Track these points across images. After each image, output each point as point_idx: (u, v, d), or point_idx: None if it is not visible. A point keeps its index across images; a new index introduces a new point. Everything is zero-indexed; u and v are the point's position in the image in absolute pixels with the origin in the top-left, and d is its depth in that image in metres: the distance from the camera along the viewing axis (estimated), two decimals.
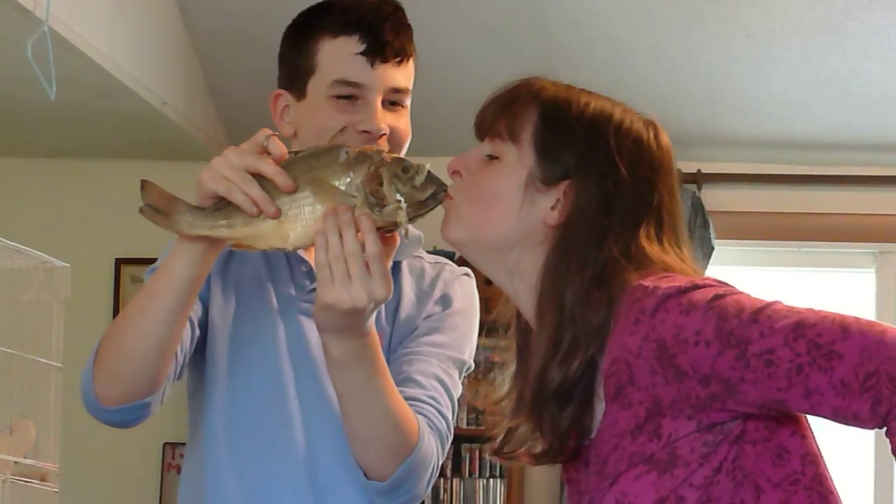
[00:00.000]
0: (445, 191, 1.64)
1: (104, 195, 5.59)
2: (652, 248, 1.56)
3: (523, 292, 1.59)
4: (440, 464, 1.92)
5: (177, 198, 1.72)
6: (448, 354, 1.97)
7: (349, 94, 1.94)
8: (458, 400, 1.99)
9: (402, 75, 1.98)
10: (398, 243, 1.74)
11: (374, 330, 1.77)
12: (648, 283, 1.48)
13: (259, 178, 1.67)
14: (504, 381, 1.66)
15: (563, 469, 1.62)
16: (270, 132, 1.71)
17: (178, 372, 1.90)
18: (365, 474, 1.84)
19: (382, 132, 1.94)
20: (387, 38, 1.95)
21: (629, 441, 1.47)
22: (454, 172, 1.64)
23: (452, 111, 4.94)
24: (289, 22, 2.06)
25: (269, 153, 1.69)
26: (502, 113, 1.62)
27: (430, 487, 1.91)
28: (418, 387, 1.90)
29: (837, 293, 5.32)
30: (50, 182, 5.64)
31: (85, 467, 5.23)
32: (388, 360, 1.85)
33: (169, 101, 4.77)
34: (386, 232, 1.68)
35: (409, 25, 2.01)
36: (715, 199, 5.22)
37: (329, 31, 1.96)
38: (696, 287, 1.45)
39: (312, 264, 1.98)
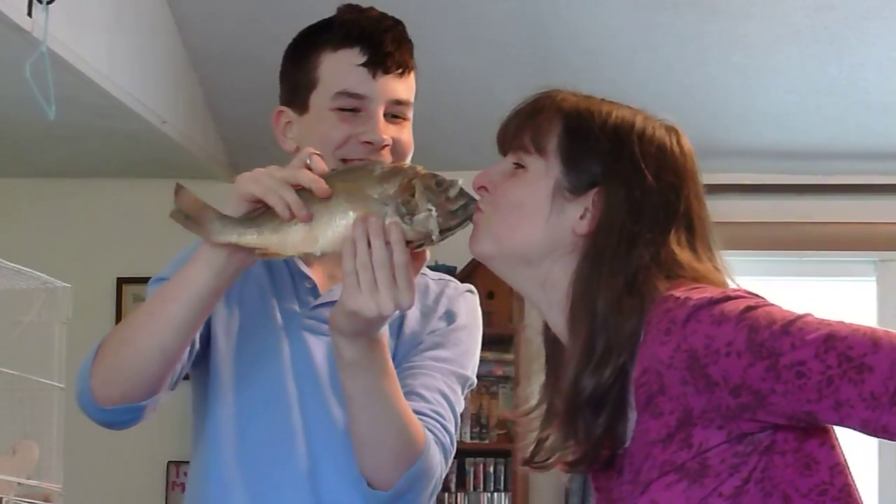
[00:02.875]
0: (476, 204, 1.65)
1: (105, 214, 5.60)
2: (683, 255, 1.56)
3: (555, 303, 1.59)
4: (443, 479, 1.92)
5: (208, 205, 1.73)
6: (452, 370, 1.97)
7: (352, 107, 1.95)
8: (461, 415, 1.99)
9: (403, 87, 1.99)
10: (427, 259, 1.75)
11: (384, 334, 1.78)
12: (679, 293, 1.49)
13: (295, 189, 1.69)
14: (533, 393, 1.66)
15: (592, 477, 1.62)
16: (314, 151, 1.73)
17: (174, 382, 1.90)
18: (369, 483, 1.84)
19: (385, 143, 1.95)
20: (388, 49, 1.96)
21: (660, 450, 1.47)
22: (480, 188, 1.65)
23: (453, 125, 4.95)
24: (287, 39, 2.06)
25: (310, 170, 1.71)
26: (525, 125, 1.62)
27: (432, 502, 1.92)
28: (423, 401, 1.90)
29: (838, 302, 5.32)
30: (50, 202, 5.64)
31: (89, 487, 5.22)
32: None
33: (168, 120, 4.78)
34: (416, 247, 1.68)
35: (410, 40, 2.02)
36: (715, 209, 5.13)
37: (330, 44, 1.97)
38: (728, 298, 1.46)
39: (316, 281, 1.99)
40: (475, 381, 2.03)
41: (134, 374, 1.80)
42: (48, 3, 3.67)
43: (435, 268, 2.28)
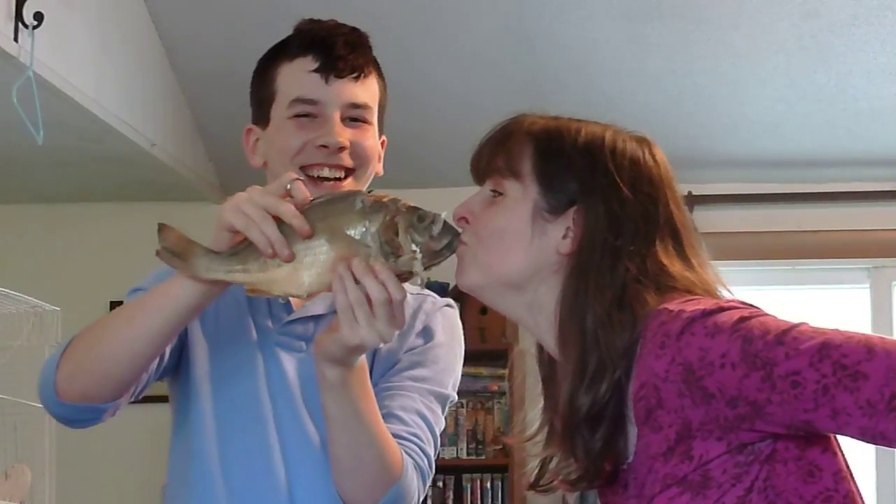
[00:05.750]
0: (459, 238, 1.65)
1: (96, 239, 5.59)
2: (674, 265, 1.57)
3: (544, 325, 1.60)
4: (421, 501, 1.91)
5: (193, 241, 1.72)
6: (430, 389, 1.96)
7: (307, 113, 1.97)
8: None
9: (360, 91, 1.99)
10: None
11: (363, 359, 1.79)
12: (673, 306, 1.49)
13: (277, 221, 1.67)
14: (535, 418, 1.66)
15: (599, 494, 1.62)
16: (296, 176, 1.71)
17: (138, 392, 1.90)
18: None
19: (341, 145, 1.96)
20: (340, 53, 1.98)
21: (662, 463, 1.48)
22: (461, 219, 1.65)
23: (443, 142, 4.95)
24: None
25: (291, 197, 1.69)
26: (498, 151, 1.63)
27: None
28: (400, 423, 1.90)
29: (832, 310, 5.32)
30: (41, 227, 5.63)
31: None
32: None
33: (157, 143, 4.77)
34: (400, 279, 1.68)
35: (368, 45, 2.03)
36: (706, 220, 5.21)
37: (286, 56, 2.00)
38: (722, 309, 1.46)
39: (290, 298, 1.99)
40: (455, 397, 2.03)
41: (100, 375, 1.80)
42: (34, 28, 3.67)
43: (427, 285, 2.27)
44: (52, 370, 1.82)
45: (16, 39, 3.63)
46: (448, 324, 2.04)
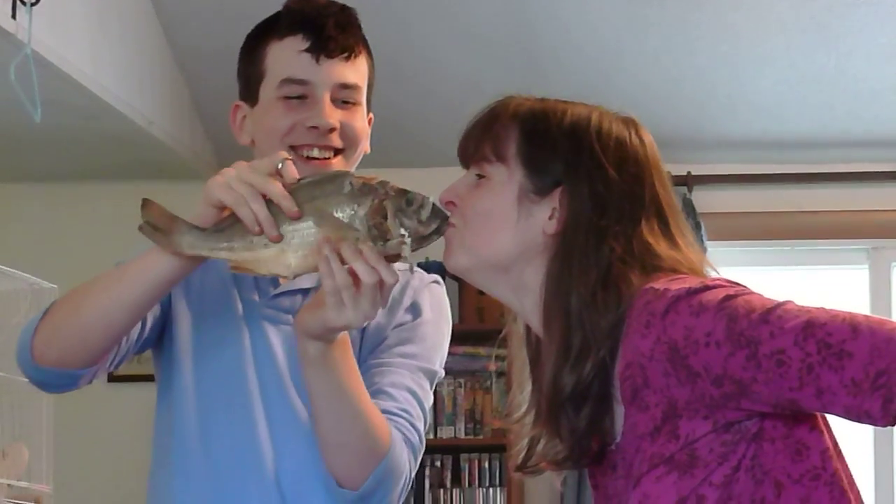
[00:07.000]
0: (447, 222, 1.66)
1: (94, 217, 5.58)
2: (660, 245, 1.58)
3: (529, 306, 1.61)
4: (413, 476, 1.92)
5: (177, 217, 1.72)
6: (419, 365, 1.97)
7: (297, 94, 1.97)
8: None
9: (350, 71, 1.99)
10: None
11: (345, 332, 1.79)
12: (659, 285, 1.50)
13: (265, 200, 1.67)
14: (524, 400, 1.67)
15: (588, 475, 1.64)
16: (287, 156, 1.72)
17: (116, 362, 1.91)
18: (337, 483, 1.84)
19: (331, 126, 1.96)
20: (330, 33, 1.97)
21: (649, 443, 1.48)
22: (448, 203, 1.66)
23: (443, 121, 4.92)
24: None
25: (280, 177, 1.69)
26: (484, 136, 1.64)
27: (402, 500, 1.92)
28: (391, 399, 1.90)
29: (831, 291, 5.32)
30: (39, 206, 5.62)
31: (79, 489, 5.20)
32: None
33: (155, 121, 4.76)
34: (387, 260, 1.68)
35: (358, 23, 2.03)
36: (705, 200, 5.21)
37: (276, 34, 2.00)
38: (707, 288, 1.46)
39: None
40: (443, 374, 2.04)
41: (75, 341, 1.81)
42: (32, 5, 3.65)
43: (426, 265, 2.26)
44: (30, 334, 1.84)
45: (13, 17, 3.61)
46: (435, 301, 2.05)
